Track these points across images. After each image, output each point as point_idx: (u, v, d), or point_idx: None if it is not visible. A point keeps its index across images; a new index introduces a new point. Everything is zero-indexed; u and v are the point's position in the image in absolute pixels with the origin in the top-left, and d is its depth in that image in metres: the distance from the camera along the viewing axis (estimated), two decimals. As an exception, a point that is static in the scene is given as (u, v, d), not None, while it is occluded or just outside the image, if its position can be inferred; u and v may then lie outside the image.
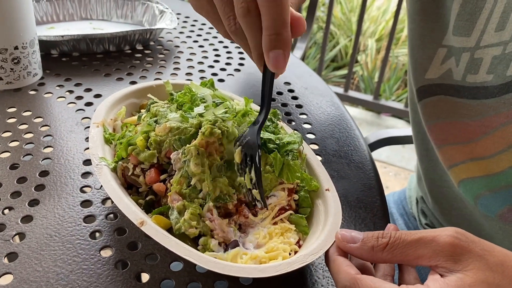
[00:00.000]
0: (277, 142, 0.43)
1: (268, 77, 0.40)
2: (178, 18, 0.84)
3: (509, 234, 0.53)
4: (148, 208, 0.41)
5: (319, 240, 0.37)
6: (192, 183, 0.39)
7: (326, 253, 0.36)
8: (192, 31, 0.84)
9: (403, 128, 0.91)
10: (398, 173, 2.03)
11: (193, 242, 0.38)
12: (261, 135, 0.42)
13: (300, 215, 0.41)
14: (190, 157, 0.40)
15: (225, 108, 0.45)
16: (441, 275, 0.31)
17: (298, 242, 0.39)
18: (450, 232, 0.31)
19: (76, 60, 0.70)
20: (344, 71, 2.63)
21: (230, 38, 0.41)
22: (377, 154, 2.03)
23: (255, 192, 0.40)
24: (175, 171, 0.41)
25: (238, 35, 0.39)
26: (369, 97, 2.27)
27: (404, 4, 2.19)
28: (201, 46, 0.78)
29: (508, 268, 0.30)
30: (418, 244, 0.32)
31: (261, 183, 0.40)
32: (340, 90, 2.29)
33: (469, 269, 0.30)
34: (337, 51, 2.69)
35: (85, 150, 0.52)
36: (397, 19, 2.09)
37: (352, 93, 2.29)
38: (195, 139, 0.41)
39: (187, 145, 0.40)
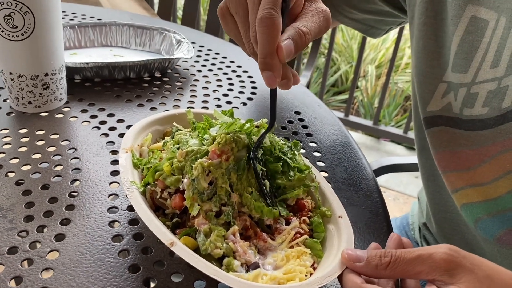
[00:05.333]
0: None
1: (272, 93, 0.47)
2: (193, 47, 0.89)
3: (506, 257, 0.57)
4: (174, 229, 0.44)
5: (334, 263, 0.40)
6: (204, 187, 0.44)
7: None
8: (206, 60, 0.88)
9: (405, 156, 0.95)
10: (397, 197, 2.07)
11: (218, 262, 0.41)
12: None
13: (314, 239, 0.45)
14: (198, 173, 0.43)
15: (237, 126, 0.49)
16: (437, 287, 0.34)
17: (313, 265, 0.42)
18: (444, 249, 0.36)
19: (98, 86, 0.74)
20: (344, 96, 2.68)
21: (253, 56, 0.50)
22: (376, 179, 2.07)
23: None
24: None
25: (255, 55, 0.48)
26: (369, 122, 2.32)
27: (404, 32, 2.27)
28: (215, 75, 0.83)
29: (494, 280, 0.34)
30: (417, 261, 0.36)
31: (261, 182, 0.46)
32: (341, 115, 2.34)
33: (461, 282, 0.34)
34: (338, 77, 2.75)
35: (111, 172, 0.55)
36: (397, 47, 2.15)
37: (352, 118, 2.34)
38: (207, 157, 0.45)
39: (196, 162, 0.44)
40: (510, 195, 0.54)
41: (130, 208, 0.50)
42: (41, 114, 0.65)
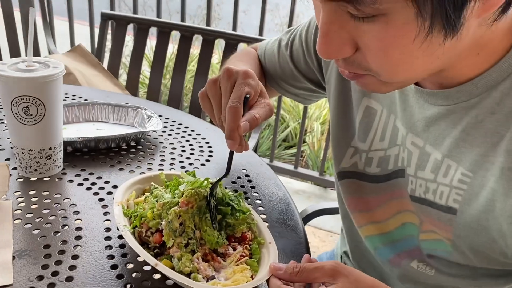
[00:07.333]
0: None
1: (230, 153, 0.70)
2: (160, 120, 1.10)
3: (396, 273, 0.79)
4: (155, 257, 0.64)
5: (264, 272, 0.61)
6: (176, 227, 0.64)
7: (268, 280, 0.60)
8: (172, 130, 1.10)
9: (332, 202, 1.18)
10: (343, 240, 2.29)
11: (187, 276, 0.61)
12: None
13: (253, 259, 0.65)
14: (172, 217, 0.64)
15: (198, 184, 0.70)
16: (326, 286, 0.55)
17: (252, 276, 0.63)
18: (331, 263, 0.57)
19: (86, 154, 0.94)
20: (294, 150, 2.95)
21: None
22: (322, 224, 2.30)
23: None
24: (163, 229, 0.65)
25: (222, 128, 0.72)
26: (315, 173, 2.57)
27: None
28: (179, 142, 1.04)
29: (361, 283, 0.55)
30: (314, 270, 0.57)
31: (211, 211, 0.67)
32: (291, 167, 2.59)
33: (339, 282, 0.55)
34: (288, 133, 3.03)
35: (104, 221, 0.74)
36: (336, 108, 2.46)
37: (301, 170, 2.59)
38: (178, 206, 0.65)
39: (170, 209, 0.65)
40: (397, 230, 0.77)
41: (121, 245, 0.69)
42: (44, 179, 0.83)
